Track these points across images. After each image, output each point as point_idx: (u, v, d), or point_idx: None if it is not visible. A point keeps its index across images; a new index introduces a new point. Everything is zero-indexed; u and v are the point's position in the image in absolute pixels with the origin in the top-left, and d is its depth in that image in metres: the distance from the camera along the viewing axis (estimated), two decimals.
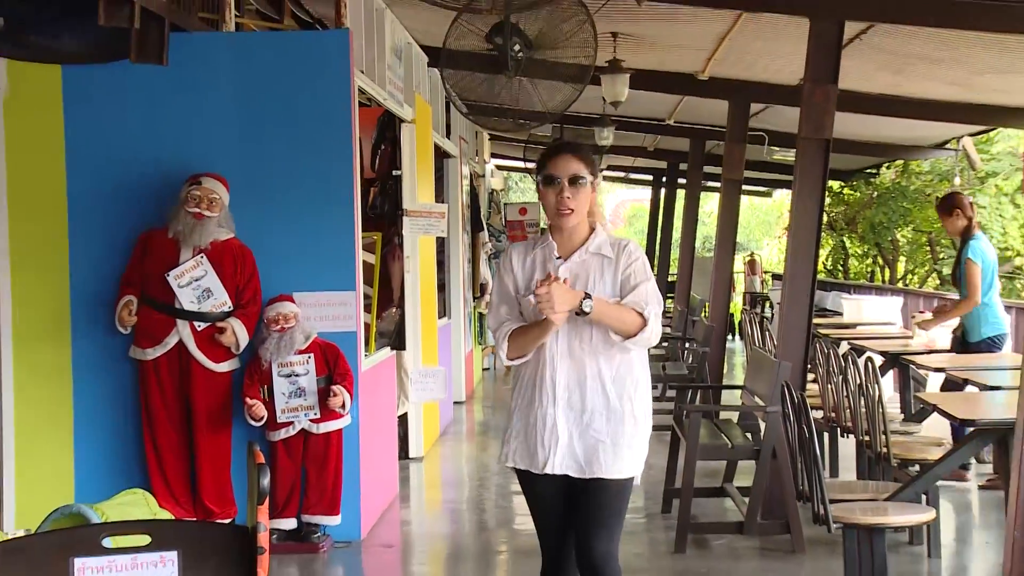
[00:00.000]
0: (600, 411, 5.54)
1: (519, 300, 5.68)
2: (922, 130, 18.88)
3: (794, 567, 9.04)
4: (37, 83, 9.58)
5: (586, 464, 5.51)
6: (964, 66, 13.18)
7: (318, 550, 9.46)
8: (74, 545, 4.25)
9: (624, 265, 5.61)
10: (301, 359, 9.37)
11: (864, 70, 13.07)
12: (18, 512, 9.43)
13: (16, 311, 9.60)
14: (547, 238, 5.75)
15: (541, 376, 5.59)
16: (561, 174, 5.52)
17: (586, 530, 5.56)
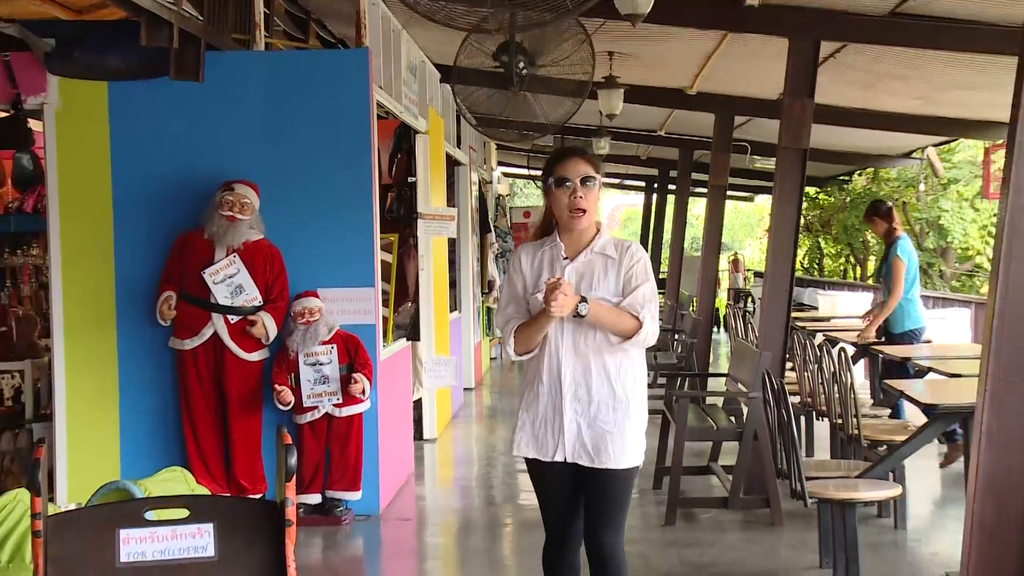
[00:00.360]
0: (607, 402, 5.42)
1: (527, 299, 5.54)
2: (890, 141, 18.85)
3: (773, 538, 9.05)
4: (85, 98, 9.59)
5: (595, 453, 5.40)
6: (928, 83, 13.17)
7: (341, 523, 9.48)
8: (119, 518, 4.28)
9: (627, 266, 5.47)
10: (325, 349, 9.41)
11: (838, 86, 13.07)
12: (69, 487, 9.47)
13: (66, 305, 9.64)
14: (555, 239, 5.58)
15: (549, 370, 5.46)
16: (572, 176, 5.38)
17: (596, 522, 5.49)
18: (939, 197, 27.69)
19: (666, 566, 8.27)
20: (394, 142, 12.75)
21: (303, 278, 9.52)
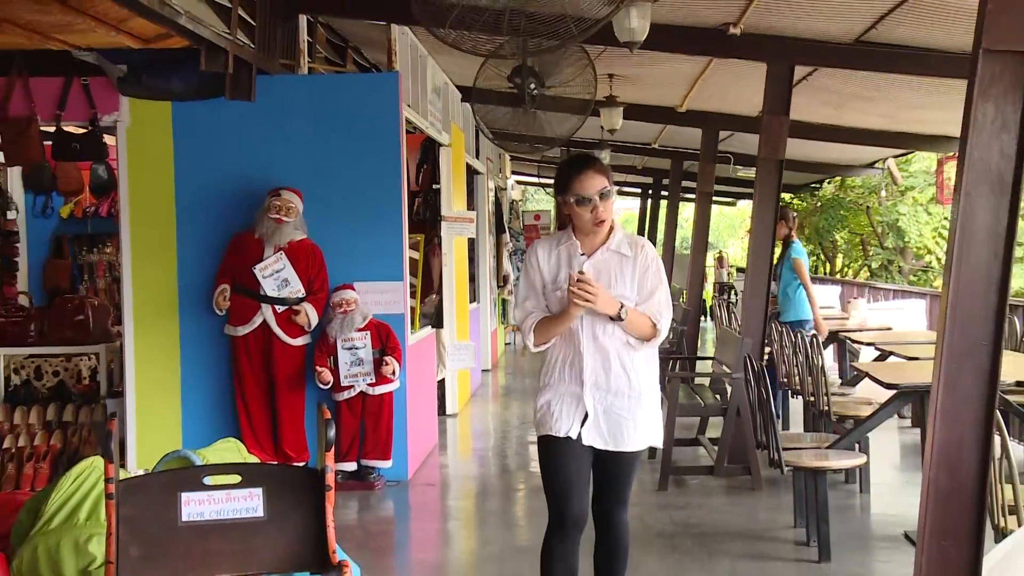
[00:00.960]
0: (623, 391, 5.17)
1: (545, 294, 5.25)
2: (855, 153, 18.81)
3: (754, 501, 9.04)
4: (152, 116, 9.61)
5: (611, 438, 5.16)
6: (890, 103, 13.15)
7: (374, 488, 9.51)
8: (181, 482, 4.29)
9: (643, 267, 5.20)
10: (360, 335, 9.41)
11: (810, 104, 13.04)
12: (138, 456, 9.51)
13: (135, 296, 9.70)
14: (570, 236, 5.26)
15: (572, 361, 5.19)
16: (591, 193, 5.08)
17: (608, 498, 5.33)
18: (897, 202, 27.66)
19: (659, 526, 8.26)
20: (421, 154, 12.74)
21: (341, 273, 9.52)
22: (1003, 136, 4.71)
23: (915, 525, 4.97)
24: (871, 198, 29.40)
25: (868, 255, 31.55)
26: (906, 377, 8.34)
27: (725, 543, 7.85)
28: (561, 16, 6.17)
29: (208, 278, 9.52)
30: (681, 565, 7.33)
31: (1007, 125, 4.70)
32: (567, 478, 5.18)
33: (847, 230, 31.80)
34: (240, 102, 9.15)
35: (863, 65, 10.29)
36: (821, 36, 9.98)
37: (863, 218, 30.68)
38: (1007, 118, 4.70)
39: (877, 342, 11.83)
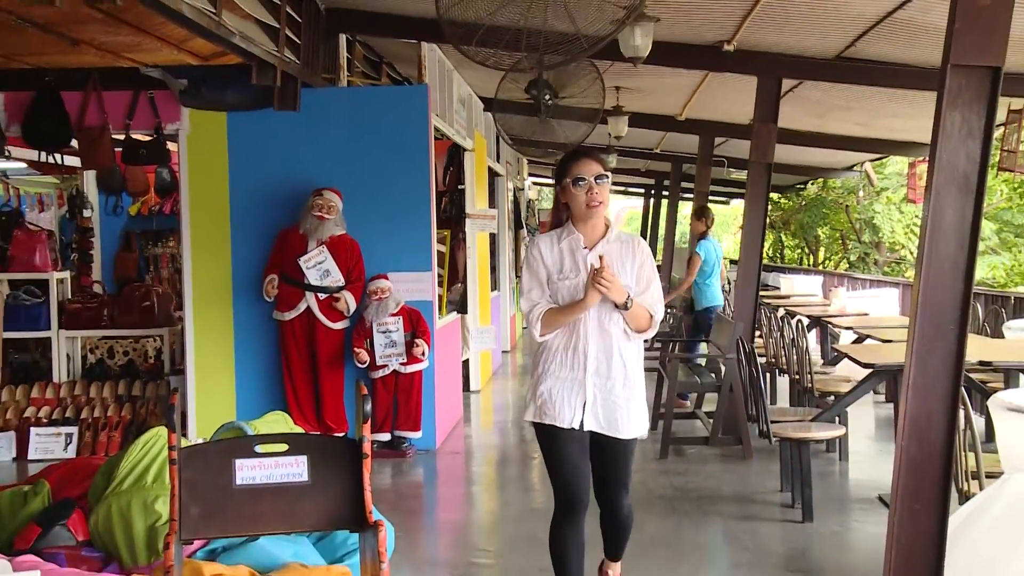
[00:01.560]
0: (620, 378, 4.90)
1: (551, 285, 4.96)
2: (836, 157, 18.74)
3: (745, 468, 9.02)
4: (209, 125, 9.63)
5: (607, 423, 4.90)
6: (867, 112, 13.10)
7: (406, 456, 9.52)
8: (235, 450, 4.30)
9: (639, 260, 4.97)
10: (393, 320, 9.42)
11: (796, 114, 13.01)
12: (197, 426, 9.54)
13: (195, 285, 9.73)
14: (571, 229, 5.01)
15: (575, 347, 4.90)
16: (587, 175, 4.85)
17: (610, 486, 5.06)
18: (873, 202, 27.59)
19: (660, 490, 8.25)
20: (447, 158, 12.75)
21: (376, 264, 9.52)
22: (969, 142, 4.70)
23: (888, 489, 4.96)
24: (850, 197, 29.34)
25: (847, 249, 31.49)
26: (881, 357, 8.32)
27: (719, 505, 7.85)
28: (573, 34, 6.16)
29: (258, 269, 9.54)
30: (680, 525, 7.33)
31: (972, 132, 4.69)
32: (572, 466, 4.94)
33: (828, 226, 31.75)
34: (287, 112, 9.16)
35: (843, 78, 10.26)
36: (806, 52, 9.94)
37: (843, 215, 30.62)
38: (972, 126, 4.69)
39: (855, 326, 11.82)
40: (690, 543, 6.91)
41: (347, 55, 10.39)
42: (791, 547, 6.86)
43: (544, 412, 4.94)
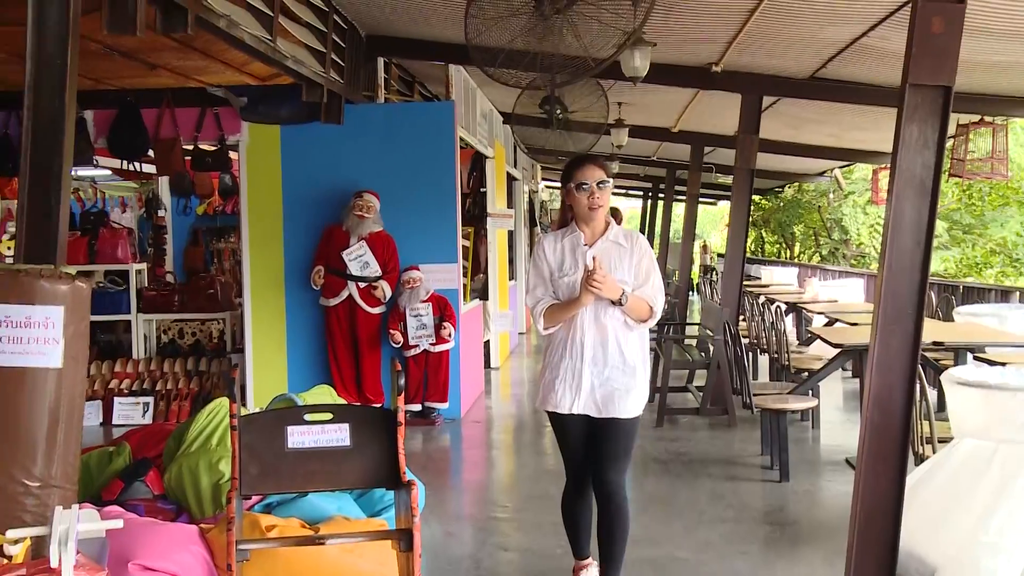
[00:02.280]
0: (617, 366, 4.65)
1: (553, 281, 4.74)
2: (810, 164, 18.68)
3: (730, 434, 9.00)
4: (265, 136, 9.65)
5: (603, 406, 4.65)
6: (837, 125, 13.05)
7: (434, 424, 9.54)
8: (287, 418, 4.32)
9: (638, 256, 4.71)
10: (424, 306, 9.42)
11: (775, 126, 12.95)
12: (255, 397, 9.57)
13: (252, 275, 9.75)
14: (574, 228, 4.79)
15: (572, 338, 4.67)
16: (590, 180, 4.65)
17: (602, 465, 4.73)
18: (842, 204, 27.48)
19: (656, 454, 8.24)
20: (471, 164, 12.73)
21: (409, 257, 9.52)
22: (924, 152, 4.68)
23: (855, 452, 4.94)
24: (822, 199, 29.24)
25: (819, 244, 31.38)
26: (848, 338, 8.29)
27: (707, 467, 7.84)
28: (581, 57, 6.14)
29: (307, 261, 9.54)
30: (673, 484, 7.32)
31: (928, 143, 4.67)
32: (575, 446, 4.79)
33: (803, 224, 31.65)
34: (332, 125, 9.15)
35: (816, 96, 10.21)
36: (783, 73, 9.90)
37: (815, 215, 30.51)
38: (928, 138, 4.67)
39: (826, 311, 11.78)
40: (683, 500, 6.91)
41: (384, 75, 10.39)
42: (770, 503, 6.86)
43: (547, 400, 4.76)
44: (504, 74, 6.43)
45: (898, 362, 4.72)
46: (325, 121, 9.05)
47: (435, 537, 6.07)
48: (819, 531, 6.17)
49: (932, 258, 4.70)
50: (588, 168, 4.73)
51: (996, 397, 4.62)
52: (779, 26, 8.06)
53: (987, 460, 4.64)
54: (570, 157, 5.21)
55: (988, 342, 7.92)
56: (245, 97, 9.64)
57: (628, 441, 4.70)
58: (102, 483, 6.17)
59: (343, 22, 8.95)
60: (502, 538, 6.11)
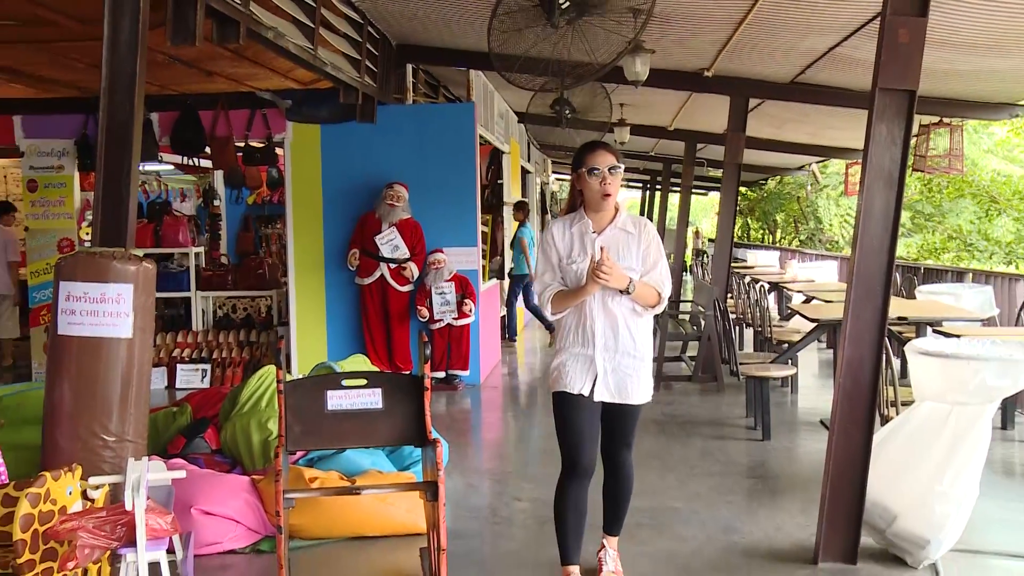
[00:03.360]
0: (628, 351, 4.22)
1: (561, 268, 4.28)
2: (789, 159, 18.57)
3: (718, 399, 8.99)
4: (307, 134, 9.63)
5: (618, 392, 4.21)
6: (814, 125, 12.98)
7: (456, 389, 9.54)
8: (327, 383, 4.32)
9: (645, 243, 4.24)
10: (447, 285, 9.43)
11: (759, 125, 12.89)
12: (298, 365, 9.58)
13: (296, 257, 9.73)
14: (582, 215, 4.32)
15: (584, 325, 4.22)
16: (602, 166, 4.17)
17: (618, 445, 4.35)
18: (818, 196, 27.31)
19: (653, 416, 8.24)
20: (489, 159, 12.72)
21: (434, 241, 9.52)
22: (892, 148, 4.68)
23: (828, 414, 4.95)
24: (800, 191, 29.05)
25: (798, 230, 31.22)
26: (824, 314, 8.27)
27: (698, 428, 7.84)
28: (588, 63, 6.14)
29: (343, 244, 9.54)
30: (668, 443, 7.33)
31: (895, 140, 4.67)
32: (579, 430, 4.22)
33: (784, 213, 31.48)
34: (366, 124, 9.16)
35: (796, 98, 10.16)
36: (767, 78, 9.86)
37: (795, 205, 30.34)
38: (895, 135, 4.67)
39: (804, 290, 11.73)
40: (676, 456, 6.92)
41: (412, 80, 10.37)
42: (753, 459, 6.86)
43: (558, 381, 4.26)
44: (520, 78, 6.44)
45: (867, 334, 4.73)
46: (360, 120, 9.06)
47: (457, 489, 6.08)
48: (796, 483, 6.18)
49: (898, 243, 4.70)
50: (600, 153, 4.26)
51: (952, 365, 4.63)
52: (763, 36, 8.03)
53: (942, 420, 4.65)
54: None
55: (945, 317, 7.91)
56: (290, 100, 9.64)
57: (636, 422, 4.39)
58: (167, 439, 6.23)
59: (376, 33, 8.95)
60: (516, 490, 6.13)
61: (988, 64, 8.13)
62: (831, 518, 4.73)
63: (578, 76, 6.29)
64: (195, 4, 5.22)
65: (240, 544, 5.02)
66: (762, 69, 9.50)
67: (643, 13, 5.79)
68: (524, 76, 6.42)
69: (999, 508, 5.56)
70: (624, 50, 6.11)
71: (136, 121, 4.72)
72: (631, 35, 5.91)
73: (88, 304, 4.58)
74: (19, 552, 3.77)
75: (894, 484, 4.74)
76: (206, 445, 6.11)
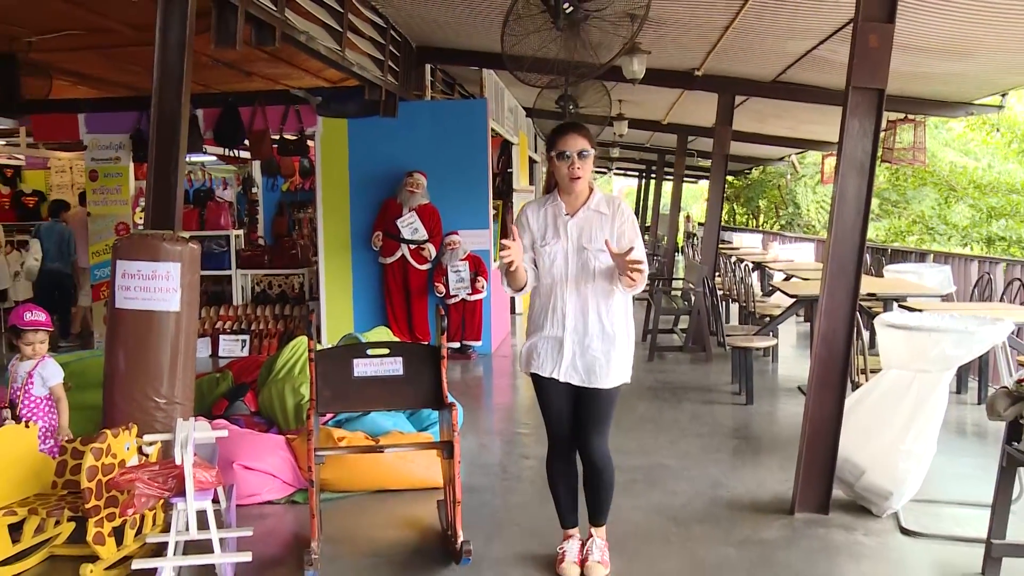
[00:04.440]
0: (597, 335, 3.80)
1: (534, 249, 3.90)
2: (770, 151, 18.47)
3: (707, 368, 9.00)
4: (336, 128, 9.60)
5: (586, 375, 3.81)
6: (794, 119, 12.92)
7: (470, 358, 9.55)
8: (353, 353, 4.35)
9: (620, 223, 3.83)
10: (462, 264, 9.42)
11: (745, 120, 12.84)
12: (327, 336, 9.57)
13: (325, 239, 9.72)
14: (555, 198, 3.93)
15: (554, 308, 3.84)
16: (571, 150, 3.78)
17: (587, 431, 3.88)
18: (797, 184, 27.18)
19: (647, 383, 8.25)
20: (500, 150, 12.67)
21: (450, 223, 9.49)
22: (864, 141, 4.67)
23: (806, 381, 4.97)
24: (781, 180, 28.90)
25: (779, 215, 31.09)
26: (802, 290, 8.27)
27: (689, 393, 7.86)
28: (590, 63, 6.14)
29: (368, 227, 9.53)
30: (661, 407, 7.35)
31: (866, 134, 4.66)
32: (557, 409, 3.91)
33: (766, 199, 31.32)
34: (389, 118, 9.14)
35: (777, 96, 10.12)
36: (752, 77, 9.81)
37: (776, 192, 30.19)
38: (866, 129, 4.66)
39: (784, 269, 11.70)
40: (668, 419, 6.94)
41: (430, 78, 10.36)
42: (737, 422, 6.88)
43: (530, 363, 3.94)
44: (529, 76, 6.44)
45: (841, 309, 4.73)
46: (383, 115, 9.05)
47: (471, 448, 6.11)
48: (776, 443, 6.20)
49: (868, 226, 4.70)
50: (570, 137, 3.85)
51: (915, 337, 4.64)
52: (748, 40, 8.00)
53: (906, 386, 4.67)
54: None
55: (909, 293, 7.91)
56: (320, 96, 9.63)
57: (609, 408, 3.90)
58: (211, 401, 6.28)
59: (398, 36, 8.93)
60: (524, 449, 6.16)
61: (947, 68, 8.11)
62: (806, 473, 4.76)
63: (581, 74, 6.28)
64: (236, 11, 5.23)
65: (277, 496, 5.07)
66: (747, 69, 9.47)
67: (639, 18, 5.80)
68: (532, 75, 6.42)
69: (951, 463, 5.60)
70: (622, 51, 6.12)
71: (183, 117, 4.75)
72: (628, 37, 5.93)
73: (141, 281, 4.62)
74: (87, 499, 3.85)
75: (863, 443, 4.77)
76: (246, 407, 6.16)
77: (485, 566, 4.12)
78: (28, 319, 4.69)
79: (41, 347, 4.73)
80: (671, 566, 4.12)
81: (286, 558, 4.25)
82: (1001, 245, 20.58)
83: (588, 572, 3.98)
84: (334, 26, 7.03)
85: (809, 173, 25.80)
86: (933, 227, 22.77)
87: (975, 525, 4.46)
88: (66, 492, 4.24)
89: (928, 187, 23.04)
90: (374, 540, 4.47)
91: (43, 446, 4.58)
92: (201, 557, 3.82)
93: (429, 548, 4.34)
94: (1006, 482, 3.96)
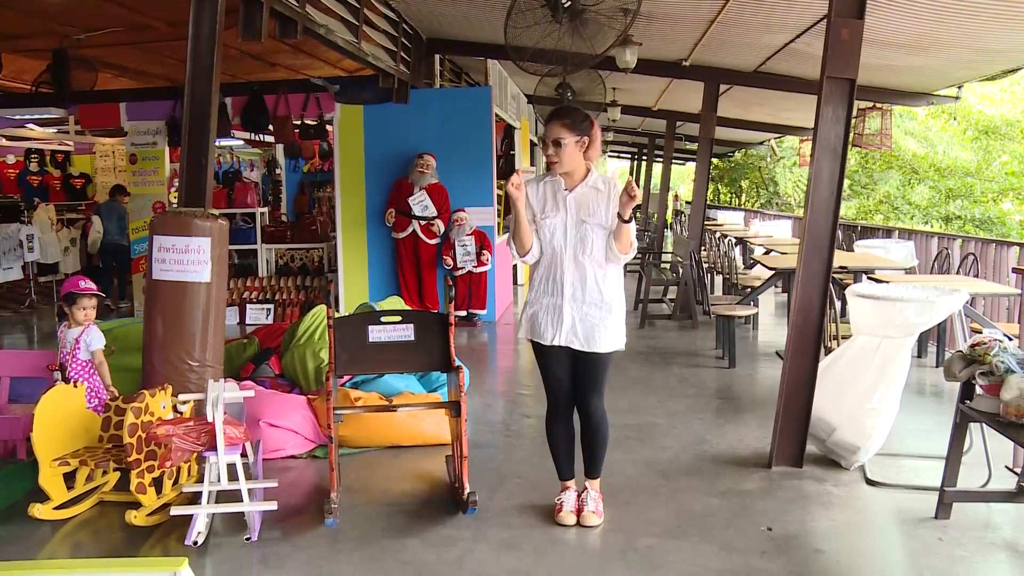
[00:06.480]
0: (595, 302, 3.80)
1: (535, 222, 3.88)
2: (752, 135, 18.35)
3: (693, 334, 9.00)
4: (352, 114, 9.56)
5: (586, 341, 3.80)
6: (774, 107, 12.83)
7: (476, 325, 9.54)
8: (369, 320, 4.35)
9: (614, 200, 3.79)
10: (469, 239, 9.41)
11: (728, 106, 12.74)
12: (345, 304, 9.58)
13: (343, 215, 9.68)
14: (555, 174, 3.88)
15: (554, 277, 3.83)
16: (548, 138, 3.81)
17: (585, 391, 3.88)
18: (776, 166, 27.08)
19: (639, 348, 8.26)
20: (503, 134, 12.63)
21: (457, 201, 9.47)
22: (836, 126, 4.65)
23: (783, 346, 4.98)
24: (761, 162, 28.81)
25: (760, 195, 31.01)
26: (780, 264, 8.27)
27: (677, 358, 7.87)
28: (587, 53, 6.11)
29: (382, 205, 9.50)
30: (651, 370, 7.36)
31: (839, 120, 4.64)
32: (557, 375, 3.91)
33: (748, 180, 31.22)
34: (401, 105, 9.10)
35: (758, 84, 10.03)
36: (735, 67, 9.73)
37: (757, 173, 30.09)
38: (839, 116, 4.64)
39: (764, 244, 11.69)
40: (658, 381, 6.96)
41: (439, 68, 10.30)
42: (721, 384, 6.89)
43: (532, 330, 3.92)
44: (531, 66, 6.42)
45: (815, 280, 4.74)
46: (396, 102, 9.01)
47: (476, 407, 6.14)
48: (755, 403, 6.22)
49: (840, 205, 4.69)
50: (552, 126, 3.85)
51: (881, 306, 4.65)
52: (732, 33, 7.94)
53: (873, 351, 4.68)
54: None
55: (877, 267, 7.90)
56: (338, 85, 9.57)
57: (605, 371, 3.91)
58: (239, 365, 6.31)
59: (409, 29, 8.87)
60: (525, 408, 6.18)
61: (910, 61, 8.07)
62: (783, 430, 4.79)
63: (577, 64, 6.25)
64: (261, 7, 5.21)
65: (299, 451, 5.10)
66: (730, 60, 9.40)
67: (632, 12, 5.77)
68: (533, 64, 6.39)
69: (912, 420, 5.62)
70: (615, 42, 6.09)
71: (213, 105, 4.75)
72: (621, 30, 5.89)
73: (175, 254, 4.63)
74: (128, 453, 3.89)
75: (834, 403, 4.79)
76: (270, 370, 6.18)
77: (490, 515, 4.15)
78: (83, 286, 4.79)
79: (92, 312, 4.82)
80: (660, 515, 4.15)
81: (308, 507, 4.29)
82: (957, 223, 20.68)
83: (583, 520, 4.00)
84: (351, 20, 7.00)
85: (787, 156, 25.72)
86: (898, 206, 22.79)
87: (931, 475, 4.50)
88: (111, 446, 4.29)
89: (893, 170, 23.03)
90: (388, 491, 4.50)
91: (89, 404, 4.62)
92: (231, 505, 3.86)
93: (438, 499, 4.36)
94: (959, 436, 4.02)
